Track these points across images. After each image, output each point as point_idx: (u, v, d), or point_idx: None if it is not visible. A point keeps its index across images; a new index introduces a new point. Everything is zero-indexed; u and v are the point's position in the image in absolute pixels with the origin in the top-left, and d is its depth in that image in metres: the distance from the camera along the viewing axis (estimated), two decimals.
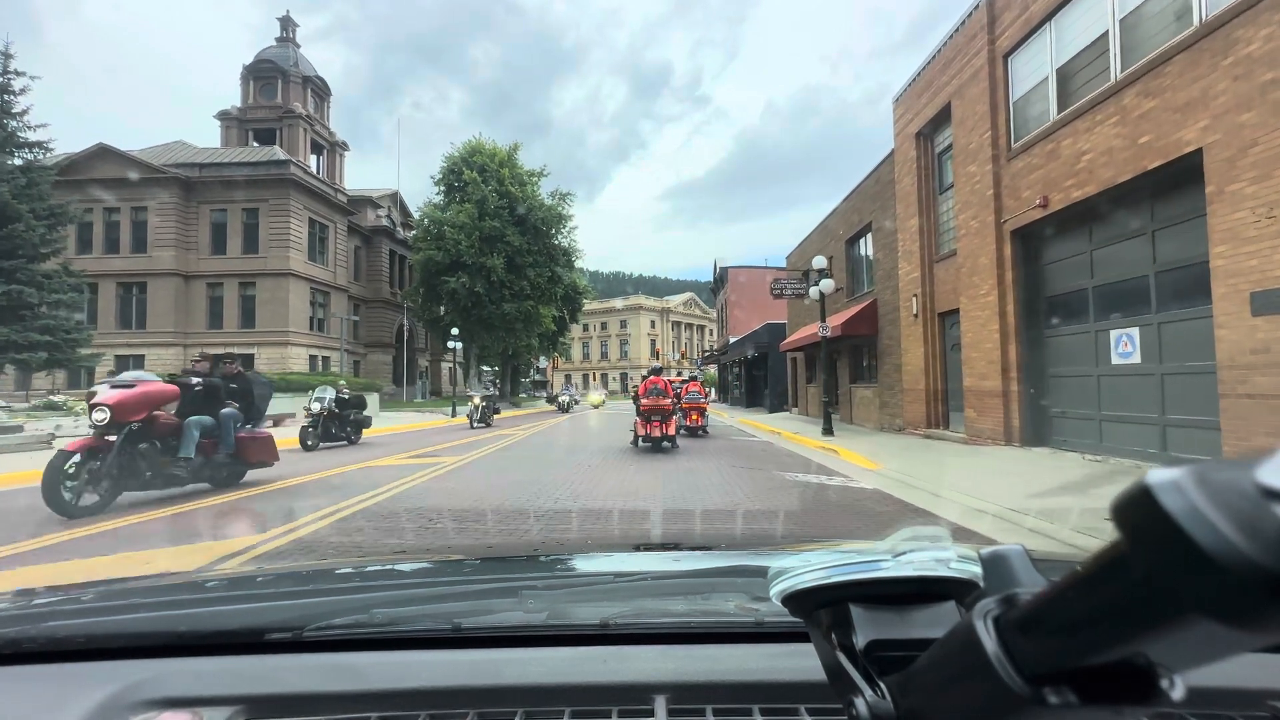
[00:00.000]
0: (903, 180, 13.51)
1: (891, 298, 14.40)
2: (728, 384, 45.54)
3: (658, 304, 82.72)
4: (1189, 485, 0.23)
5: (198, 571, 3.17)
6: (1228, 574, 0.21)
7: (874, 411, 15.74)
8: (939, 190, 12.56)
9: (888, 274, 14.65)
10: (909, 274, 13.25)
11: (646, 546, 1.62)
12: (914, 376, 13.08)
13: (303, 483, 7.66)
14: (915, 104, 12.81)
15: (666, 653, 0.75)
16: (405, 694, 0.69)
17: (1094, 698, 0.29)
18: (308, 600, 1.03)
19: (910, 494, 6.66)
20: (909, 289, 13.25)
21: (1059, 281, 9.24)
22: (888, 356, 14.73)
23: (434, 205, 37.21)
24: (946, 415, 12.40)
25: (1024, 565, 0.39)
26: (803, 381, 23.57)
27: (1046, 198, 8.76)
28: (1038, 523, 5.00)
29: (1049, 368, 9.43)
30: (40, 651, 0.77)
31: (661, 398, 10.75)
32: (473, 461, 9.78)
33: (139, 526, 5.17)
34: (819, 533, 4.95)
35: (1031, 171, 9.16)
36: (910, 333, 13.24)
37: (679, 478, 7.88)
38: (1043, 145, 8.89)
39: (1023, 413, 9.60)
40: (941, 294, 12.33)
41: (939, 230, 12.63)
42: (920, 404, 12.83)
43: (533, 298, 37.22)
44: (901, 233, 13.63)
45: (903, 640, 0.43)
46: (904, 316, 13.58)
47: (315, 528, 4.94)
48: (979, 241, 10.42)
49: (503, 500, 6.18)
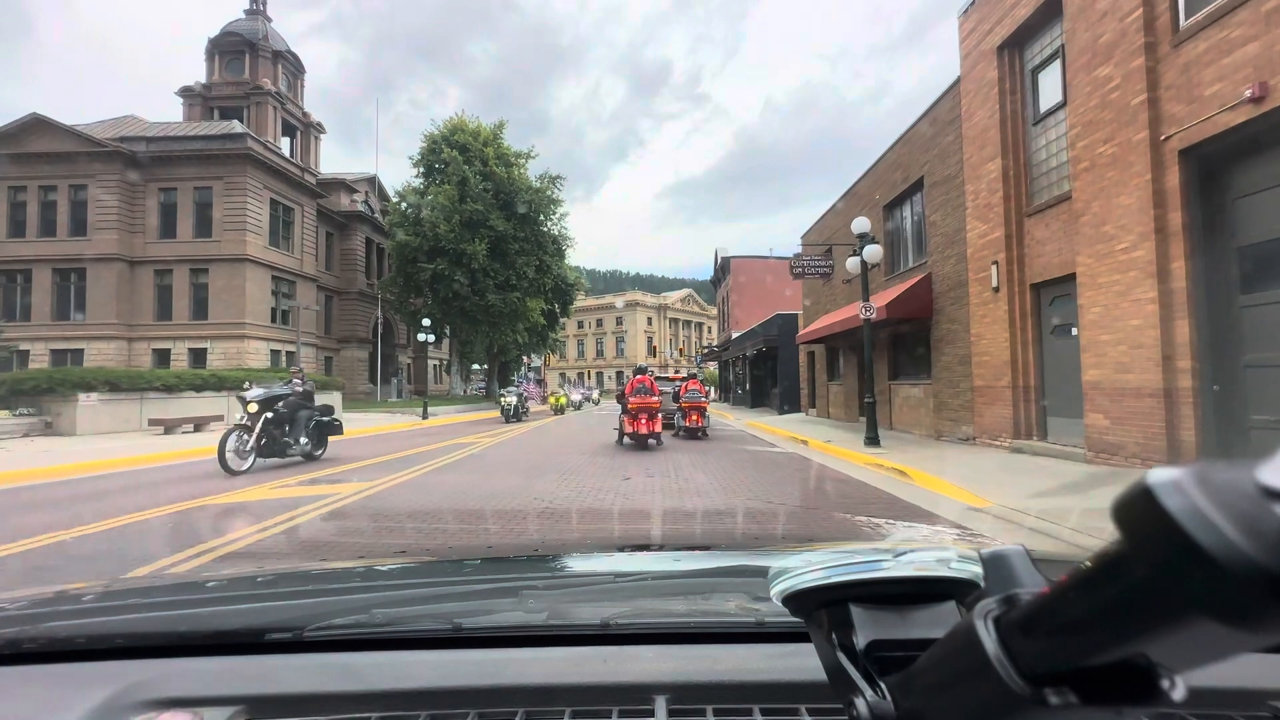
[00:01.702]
0: (974, 114, 10.36)
1: (954, 270, 11.27)
2: (728, 383, 42.45)
3: (655, 300, 79.72)
4: (1190, 485, 0.23)
5: (198, 572, 3.31)
6: (1228, 574, 0.21)
7: (925, 415, 12.60)
8: (1033, 118, 9.41)
9: (948, 240, 11.51)
10: (984, 236, 10.11)
11: (646, 546, 1.66)
12: (992, 370, 9.94)
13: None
14: (997, 7, 9.66)
15: (667, 653, 0.75)
16: (406, 694, 0.69)
17: (1094, 698, 0.29)
18: (308, 600, 1.03)
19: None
20: (984, 255, 10.11)
21: (1262, 222, 6.11)
22: (947, 344, 11.59)
23: (413, 189, 34.01)
24: (1041, 421, 9.26)
25: (1024, 565, 0.38)
26: (822, 379, 20.42)
27: (1264, 85, 5.61)
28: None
29: (1243, 354, 6.29)
30: (41, 651, 0.77)
31: (648, 396, 11.19)
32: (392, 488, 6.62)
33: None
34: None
35: (1226, 53, 6.01)
36: (986, 312, 10.09)
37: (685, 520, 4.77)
38: (1253, 6, 5.74)
39: (1201, 420, 6.44)
40: (1038, 257, 9.19)
41: (1031, 173, 9.49)
42: (1001, 406, 9.69)
43: (519, 289, 34.07)
44: (971, 184, 10.49)
45: (903, 640, 0.43)
46: (974, 292, 10.44)
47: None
48: (1115, 174, 7.27)
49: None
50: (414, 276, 32.47)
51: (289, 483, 7.37)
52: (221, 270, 29.29)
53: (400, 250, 32.67)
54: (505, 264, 33.36)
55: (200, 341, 29.10)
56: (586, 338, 79.32)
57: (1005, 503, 5.65)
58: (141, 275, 29.40)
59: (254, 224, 29.75)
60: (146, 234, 29.48)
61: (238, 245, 29.21)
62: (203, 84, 40.49)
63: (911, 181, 13.03)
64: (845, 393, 17.81)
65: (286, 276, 32.13)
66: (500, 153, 34.34)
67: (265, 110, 39.31)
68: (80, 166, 28.52)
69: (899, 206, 14.21)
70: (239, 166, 29.41)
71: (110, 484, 7.66)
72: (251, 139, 30.01)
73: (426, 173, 34.22)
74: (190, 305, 29.48)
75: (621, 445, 11.52)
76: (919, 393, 12.94)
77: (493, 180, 33.48)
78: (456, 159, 32.56)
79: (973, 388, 10.59)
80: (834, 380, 19.27)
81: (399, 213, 33.67)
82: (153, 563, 4.02)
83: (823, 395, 20.36)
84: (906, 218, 13.72)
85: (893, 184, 14.03)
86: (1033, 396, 9.32)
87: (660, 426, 11.27)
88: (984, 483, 6.68)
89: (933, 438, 12.12)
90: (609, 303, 78.53)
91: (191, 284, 29.52)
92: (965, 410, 10.91)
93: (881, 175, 14.74)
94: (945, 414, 11.69)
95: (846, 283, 17.03)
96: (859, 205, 16.34)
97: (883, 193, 14.49)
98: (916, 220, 13.45)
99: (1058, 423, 8.96)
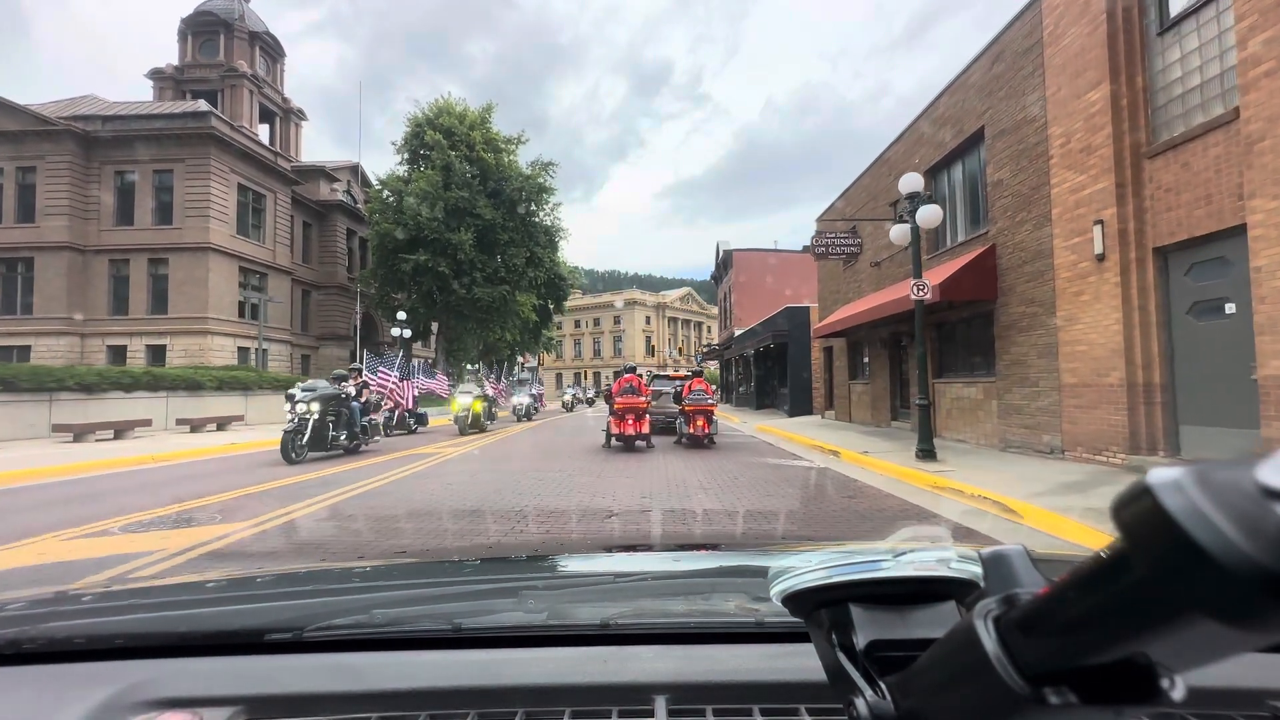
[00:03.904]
0: (1063, 36, 8.06)
1: (1030, 238, 8.96)
2: (729, 383, 40.13)
3: (653, 299, 77.46)
4: (1190, 485, 0.22)
5: (198, 572, 3.20)
6: (1228, 574, 0.21)
7: (985, 420, 10.29)
8: (1159, 24, 7.10)
9: (1021, 201, 9.20)
10: (1080, 189, 7.80)
11: (646, 546, 1.68)
12: (1092, 363, 7.64)
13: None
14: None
15: (666, 653, 0.74)
16: (406, 694, 0.69)
17: (1094, 698, 0.29)
18: (308, 600, 1.02)
19: None
20: (1080, 214, 7.81)
21: None
22: (1019, 332, 9.28)
23: (397, 177, 31.65)
24: (1171, 431, 6.95)
25: (1024, 565, 0.38)
26: (841, 377, 18.10)
27: None
28: None
29: None
30: (40, 651, 0.76)
31: (636, 396, 10.90)
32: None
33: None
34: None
35: None
36: (1083, 288, 7.79)
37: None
38: None
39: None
40: (1167, 211, 6.89)
41: (1152, 101, 7.18)
42: (1106, 410, 7.39)
43: (509, 282, 31.71)
44: (1058, 125, 8.19)
45: (903, 640, 0.43)
46: (1064, 263, 8.14)
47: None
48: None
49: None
50: (395, 268, 30.13)
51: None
52: (183, 260, 26.94)
53: (381, 240, 30.31)
54: (493, 255, 31.06)
55: (159, 338, 26.76)
56: (583, 337, 77.11)
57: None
58: (95, 265, 27.03)
59: (219, 210, 27.40)
60: (101, 221, 27.12)
61: (200, 233, 26.87)
62: (175, 66, 38.19)
63: (966, 135, 10.71)
64: (872, 393, 15.49)
65: (256, 268, 29.77)
66: (488, 137, 32.00)
67: (240, 93, 37.01)
68: (28, 147, 26.18)
69: (945, 170, 11.90)
70: (202, 148, 27.06)
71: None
72: (216, 118, 27.67)
73: (411, 159, 31.88)
74: (149, 298, 27.11)
75: (609, 448, 10.87)
76: (975, 393, 10.62)
77: (480, 166, 31.17)
78: (441, 143, 30.25)
79: (1059, 386, 8.28)
80: (857, 379, 16.95)
81: (380, 200, 31.32)
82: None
83: (843, 396, 18.03)
84: (956, 183, 11.41)
85: (938, 143, 11.72)
86: (1157, 397, 7.00)
87: (648, 427, 11.01)
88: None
89: (995, 448, 9.81)
90: (606, 301, 76.33)
91: (150, 275, 27.15)
92: (1047, 415, 8.60)
93: (923, 136, 12.42)
94: (1016, 419, 9.37)
95: (875, 265, 14.74)
96: (890, 176, 14.05)
97: (925, 155, 12.17)
98: (970, 183, 11.14)
99: (1197, 433, 6.65)
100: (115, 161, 27.17)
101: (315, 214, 36.25)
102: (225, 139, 27.56)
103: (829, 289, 19.09)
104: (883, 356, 14.71)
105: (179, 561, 3.83)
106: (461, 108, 32.33)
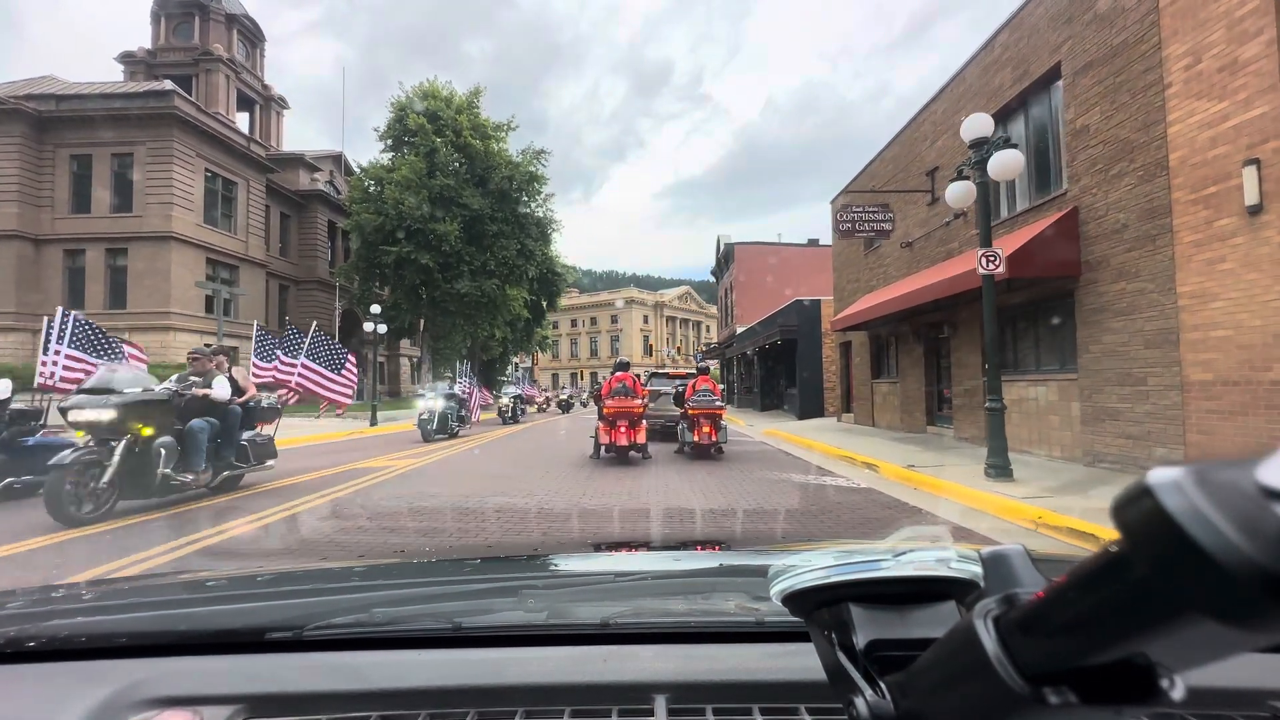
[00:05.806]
0: None
1: (1133, 195, 7.02)
2: (731, 383, 38.18)
3: (652, 298, 75.58)
4: (1190, 485, 0.22)
5: (198, 571, 2.81)
6: (1228, 574, 0.21)
7: (1064, 428, 8.33)
8: None
9: (1121, 150, 7.24)
10: (1223, 121, 5.86)
11: (646, 546, 1.69)
12: (1236, 354, 5.70)
13: None
14: None
15: (666, 652, 0.74)
16: (406, 693, 0.68)
17: (1094, 698, 0.29)
18: (308, 599, 1.02)
19: None
20: (1221, 156, 5.86)
21: None
22: (1115, 316, 7.33)
23: (380, 166, 29.64)
24: None
25: (1024, 565, 0.38)
26: (863, 376, 16.14)
27: None
28: None
29: None
30: (41, 651, 0.76)
31: (629, 398, 9.12)
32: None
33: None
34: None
35: None
36: (1229, 253, 5.84)
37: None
38: None
39: None
40: None
41: None
42: (1271, 417, 5.45)
43: (498, 275, 29.72)
44: (1179, 43, 6.24)
45: (903, 640, 0.43)
46: (1191, 222, 6.19)
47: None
48: None
49: None
50: (376, 261, 28.15)
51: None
52: (143, 250, 24.94)
53: (361, 232, 28.31)
54: (481, 247, 29.08)
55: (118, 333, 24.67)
56: (580, 336, 75.21)
57: None
58: (48, 255, 25.02)
59: (183, 197, 25.39)
60: (55, 208, 25.12)
61: (163, 221, 24.87)
62: (147, 50, 36.24)
63: (1034, 78, 8.77)
64: (902, 393, 13.54)
65: (226, 260, 27.75)
66: (476, 123, 30.00)
67: (216, 79, 35.08)
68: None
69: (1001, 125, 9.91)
70: (165, 129, 25.07)
71: None
72: (180, 97, 25.65)
73: (394, 145, 29.87)
74: (106, 291, 25.13)
75: (598, 460, 9.13)
76: (1047, 394, 8.66)
77: (467, 153, 29.22)
78: (425, 127, 28.27)
79: (1181, 384, 6.33)
80: (882, 378, 14.99)
81: (361, 189, 29.34)
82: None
83: (864, 397, 16.07)
84: (1018, 138, 9.44)
85: (993, 92, 9.77)
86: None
87: (644, 436, 9.18)
88: None
89: (1078, 462, 7.86)
90: (604, 300, 74.48)
91: (108, 266, 25.16)
92: (1160, 422, 6.64)
93: (970, 87, 10.48)
94: (1110, 426, 7.41)
95: (905, 246, 12.80)
96: (926, 142, 12.11)
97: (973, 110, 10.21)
98: (1038, 136, 9.21)
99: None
100: (70, 144, 25.17)
101: (294, 205, 34.25)
102: (190, 120, 25.56)
103: (846, 278, 17.13)
104: (915, 351, 12.77)
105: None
106: (448, 91, 30.36)
